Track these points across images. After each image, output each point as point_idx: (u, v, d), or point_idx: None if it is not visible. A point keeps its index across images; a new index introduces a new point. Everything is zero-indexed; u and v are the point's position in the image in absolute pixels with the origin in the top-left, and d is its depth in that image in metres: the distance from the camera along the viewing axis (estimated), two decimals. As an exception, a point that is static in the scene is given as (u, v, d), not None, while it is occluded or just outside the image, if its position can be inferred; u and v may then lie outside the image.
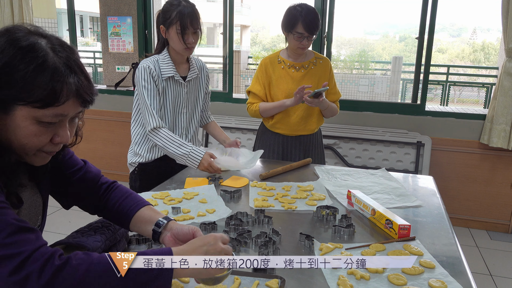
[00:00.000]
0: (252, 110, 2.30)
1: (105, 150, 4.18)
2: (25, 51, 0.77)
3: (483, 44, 24.09)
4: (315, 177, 1.91)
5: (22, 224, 0.74)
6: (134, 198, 1.08)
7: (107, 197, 1.08)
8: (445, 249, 1.25)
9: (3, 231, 0.72)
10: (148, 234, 1.03)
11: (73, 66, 0.81)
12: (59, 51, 0.80)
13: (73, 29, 4.26)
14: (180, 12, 1.81)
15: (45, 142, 0.82)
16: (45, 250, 0.73)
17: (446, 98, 6.70)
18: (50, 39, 0.82)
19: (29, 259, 0.71)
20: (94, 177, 1.09)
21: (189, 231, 0.96)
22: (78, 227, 1.14)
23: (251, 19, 23.53)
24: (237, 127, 3.64)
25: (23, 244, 0.72)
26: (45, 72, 0.76)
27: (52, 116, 0.79)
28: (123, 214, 1.06)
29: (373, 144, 3.40)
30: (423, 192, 1.79)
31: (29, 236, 0.74)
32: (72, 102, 0.81)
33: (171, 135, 1.85)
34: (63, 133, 0.84)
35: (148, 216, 1.04)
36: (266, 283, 1.01)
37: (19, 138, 0.80)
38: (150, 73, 1.85)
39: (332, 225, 1.36)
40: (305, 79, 2.25)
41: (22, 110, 0.77)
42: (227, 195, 1.61)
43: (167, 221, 1.01)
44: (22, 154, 0.83)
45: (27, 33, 0.80)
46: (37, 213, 0.97)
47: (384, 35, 27.12)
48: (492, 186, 3.33)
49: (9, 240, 0.71)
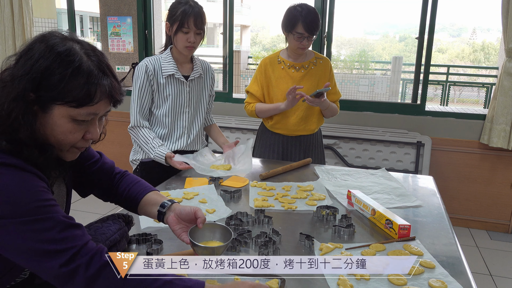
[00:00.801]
0: (249, 110, 2.31)
1: (105, 150, 4.14)
2: (63, 56, 0.84)
3: (483, 44, 24.08)
4: (315, 177, 1.91)
5: (70, 221, 0.84)
6: (142, 184, 1.19)
7: (118, 184, 1.18)
8: (445, 249, 1.25)
9: (54, 228, 0.80)
10: (154, 215, 1.12)
11: (105, 69, 0.89)
12: (91, 55, 0.88)
13: (73, 29, 4.25)
14: (184, 11, 1.83)
15: (78, 139, 0.91)
16: (91, 246, 0.83)
17: (446, 98, 6.70)
18: (83, 44, 0.89)
19: (78, 253, 0.80)
20: (110, 168, 1.19)
21: (190, 210, 1.06)
22: (83, 219, 1.14)
23: (251, 19, 23.53)
24: (237, 127, 3.64)
25: (73, 239, 0.81)
26: (81, 75, 0.84)
27: (85, 114, 0.87)
28: (132, 199, 1.15)
29: (373, 144, 3.40)
30: (423, 192, 1.79)
31: (77, 232, 0.83)
32: (104, 102, 0.89)
33: (146, 137, 1.91)
34: (93, 130, 0.92)
35: (154, 199, 1.13)
36: (266, 283, 1.00)
37: (55, 134, 0.88)
38: (145, 71, 1.89)
39: (332, 225, 1.36)
40: (305, 79, 2.25)
41: (59, 109, 0.85)
42: (227, 195, 1.61)
43: (171, 203, 1.11)
44: (57, 150, 0.91)
45: (63, 39, 0.88)
46: (62, 202, 1.06)
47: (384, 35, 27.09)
48: (492, 186, 3.33)
49: (61, 236, 0.80)
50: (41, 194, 0.82)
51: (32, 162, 0.85)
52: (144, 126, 1.94)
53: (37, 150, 0.86)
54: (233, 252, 1.18)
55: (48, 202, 0.82)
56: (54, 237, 0.79)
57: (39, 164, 0.87)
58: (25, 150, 0.84)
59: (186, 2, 1.86)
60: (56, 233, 0.80)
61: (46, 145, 0.88)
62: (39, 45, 0.86)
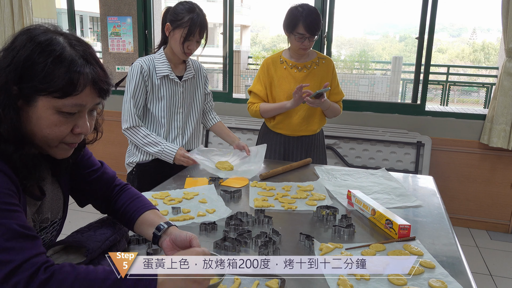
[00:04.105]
0: (253, 110, 2.30)
1: (105, 150, 4.17)
2: (43, 46, 0.82)
3: (483, 44, 24.07)
4: (315, 177, 1.91)
5: (25, 231, 0.77)
6: (141, 201, 1.12)
7: (117, 198, 1.13)
8: (445, 249, 1.25)
9: (3, 236, 0.74)
10: (149, 236, 1.05)
11: (89, 58, 0.86)
12: (75, 45, 0.86)
13: (73, 29, 4.24)
14: (193, 19, 1.81)
15: (66, 133, 0.87)
16: (35, 261, 0.75)
17: (446, 98, 6.69)
18: (67, 36, 0.87)
19: (19, 268, 0.72)
20: (110, 179, 1.14)
21: (186, 237, 0.98)
22: (78, 227, 1.14)
23: (251, 19, 23.51)
24: (237, 127, 3.64)
25: (18, 252, 0.74)
26: (63, 64, 0.82)
27: (71, 105, 0.84)
28: (129, 216, 1.10)
29: (373, 144, 3.40)
30: (423, 192, 1.79)
31: (27, 245, 0.76)
32: (89, 92, 0.85)
33: (146, 134, 1.90)
34: (82, 124, 0.88)
35: (151, 220, 1.07)
36: (266, 283, 1.01)
37: (42, 128, 0.84)
38: (140, 72, 1.88)
39: (332, 225, 1.36)
40: (307, 80, 2.25)
41: (44, 101, 0.82)
42: (227, 195, 1.61)
43: (167, 226, 1.04)
44: (45, 146, 0.88)
45: (46, 30, 0.86)
46: (59, 207, 1.02)
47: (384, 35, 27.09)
48: (492, 186, 3.33)
49: (6, 245, 0.73)
50: (2, 196, 0.77)
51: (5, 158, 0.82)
52: (141, 126, 1.92)
53: (13, 146, 0.82)
54: (233, 252, 1.18)
55: (6, 206, 0.77)
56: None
57: (15, 161, 0.82)
58: (1, 145, 0.81)
59: (192, 8, 1.84)
60: (2, 241, 0.73)
61: (25, 142, 0.84)
62: (21, 37, 0.84)
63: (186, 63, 2.02)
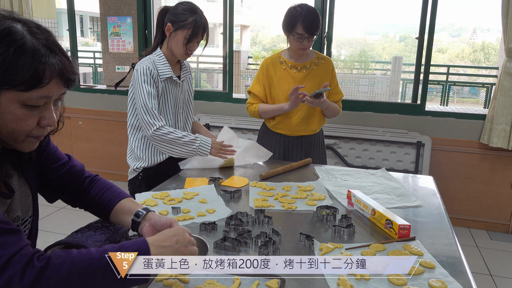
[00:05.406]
0: (252, 110, 2.30)
1: (105, 150, 4.17)
2: (2, 36, 0.77)
3: (483, 44, 24.08)
4: (315, 177, 1.91)
5: (4, 226, 0.75)
6: (115, 190, 1.12)
7: (89, 189, 1.11)
8: (445, 249, 1.25)
9: None
10: (127, 224, 1.05)
11: (53, 47, 0.81)
12: (36, 33, 0.80)
13: (73, 29, 4.25)
14: (196, 21, 1.80)
15: (32, 126, 0.83)
16: (25, 252, 0.74)
17: (446, 98, 6.70)
18: (26, 23, 0.81)
19: (10, 262, 0.71)
20: (79, 171, 1.12)
21: (166, 221, 0.99)
22: (78, 227, 1.14)
23: (251, 19, 23.52)
24: (237, 127, 3.64)
25: (4, 247, 0.73)
26: (26, 54, 0.77)
27: (37, 98, 0.80)
28: (104, 205, 1.08)
29: (373, 144, 3.40)
30: (423, 192, 1.79)
31: (11, 239, 0.74)
32: (55, 83, 0.81)
33: (174, 135, 1.81)
34: (49, 115, 0.84)
35: (128, 207, 1.07)
36: (266, 283, 1.01)
37: (7, 123, 0.80)
38: (150, 74, 1.82)
39: (332, 225, 1.36)
40: (307, 80, 2.25)
41: (7, 95, 0.78)
42: (227, 195, 1.61)
43: (146, 212, 1.04)
44: (11, 141, 0.84)
45: (1, 18, 0.80)
46: (28, 204, 0.99)
47: (384, 35, 27.09)
48: (492, 186, 3.34)
49: None
50: None
51: None
52: (167, 125, 1.85)
53: None
54: (233, 252, 1.18)
55: None
56: None
57: None
58: None
59: (194, 9, 1.82)
60: None
61: None
62: None
63: (181, 62, 2.02)
